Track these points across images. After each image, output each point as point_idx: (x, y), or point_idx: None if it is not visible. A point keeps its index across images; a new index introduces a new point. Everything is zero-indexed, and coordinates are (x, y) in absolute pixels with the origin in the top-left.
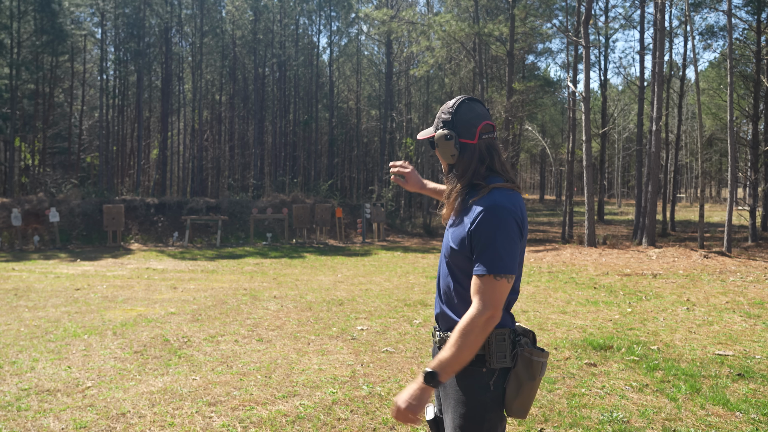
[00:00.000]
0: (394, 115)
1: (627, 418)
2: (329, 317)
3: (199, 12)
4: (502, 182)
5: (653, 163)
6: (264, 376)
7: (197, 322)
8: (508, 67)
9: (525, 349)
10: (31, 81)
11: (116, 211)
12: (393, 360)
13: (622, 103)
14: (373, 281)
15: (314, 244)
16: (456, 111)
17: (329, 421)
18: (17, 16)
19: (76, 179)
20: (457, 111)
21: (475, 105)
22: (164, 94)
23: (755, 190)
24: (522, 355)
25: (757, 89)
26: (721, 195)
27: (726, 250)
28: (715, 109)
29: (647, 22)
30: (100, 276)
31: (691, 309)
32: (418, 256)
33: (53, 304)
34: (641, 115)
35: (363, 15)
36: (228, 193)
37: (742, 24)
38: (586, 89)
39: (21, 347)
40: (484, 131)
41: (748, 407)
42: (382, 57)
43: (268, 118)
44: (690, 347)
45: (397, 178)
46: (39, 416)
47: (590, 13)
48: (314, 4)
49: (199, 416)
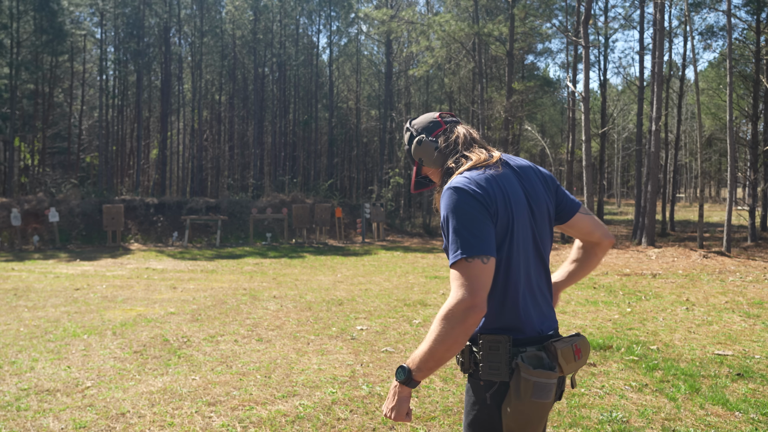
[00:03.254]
0: (394, 115)
1: (626, 418)
2: (329, 317)
3: (198, 12)
4: (471, 162)
5: (653, 163)
6: (263, 376)
7: (197, 322)
8: (507, 67)
9: (520, 363)
10: (31, 81)
11: (116, 211)
12: (392, 360)
13: (622, 103)
14: (372, 281)
15: (314, 244)
16: (411, 125)
17: (329, 421)
18: (17, 16)
19: (76, 179)
20: (412, 124)
21: (425, 115)
22: (164, 94)
23: (754, 189)
24: (518, 369)
25: (756, 89)
26: (720, 195)
27: (725, 249)
28: (714, 109)
29: (647, 22)
30: (100, 276)
31: (690, 309)
32: (417, 256)
33: (53, 304)
34: (641, 115)
35: (363, 15)
36: (227, 193)
37: (742, 24)
38: (586, 89)
39: (20, 347)
40: (445, 118)
41: (747, 407)
42: (381, 57)
43: (267, 118)
44: (689, 347)
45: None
46: (38, 416)
47: (590, 13)
48: (314, 4)
49: (199, 416)
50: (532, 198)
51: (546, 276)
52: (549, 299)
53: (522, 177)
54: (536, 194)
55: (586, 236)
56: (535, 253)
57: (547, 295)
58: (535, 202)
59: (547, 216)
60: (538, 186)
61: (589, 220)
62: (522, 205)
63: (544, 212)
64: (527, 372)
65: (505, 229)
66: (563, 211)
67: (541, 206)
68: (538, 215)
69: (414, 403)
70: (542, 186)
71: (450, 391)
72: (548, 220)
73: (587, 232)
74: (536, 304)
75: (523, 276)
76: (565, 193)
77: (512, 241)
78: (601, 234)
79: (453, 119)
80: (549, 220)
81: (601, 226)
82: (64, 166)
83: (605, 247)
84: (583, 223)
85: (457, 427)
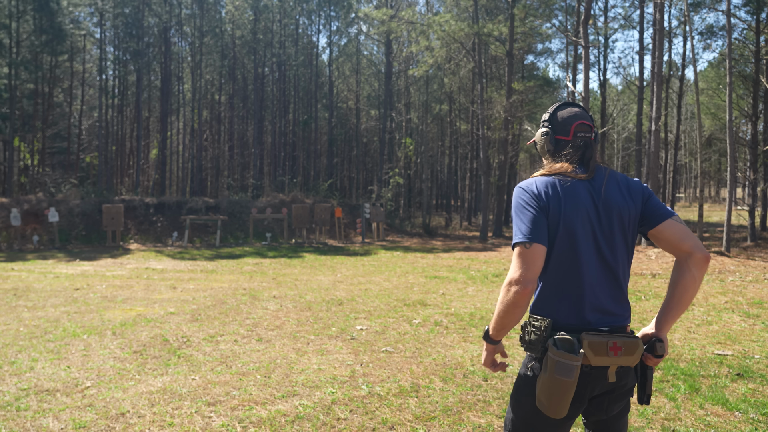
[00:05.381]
0: (394, 115)
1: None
2: (328, 317)
3: (198, 12)
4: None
5: (652, 162)
6: (263, 375)
7: (196, 322)
8: (507, 67)
9: (549, 343)
10: (31, 81)
11: (115, 211)
12: (392, 360)
13: (622, 103)
14: (372, 281)
15: (313, 244)
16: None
17: (328, 421)
18: (16, 16)
19: (76, 179)
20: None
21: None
22: (163, 93)
23: (754, 189)
24: (547, 349)
25: (756, 89)
26: (720, 195)
27: (725, 249)
28: (714, 109)
29: (646, 22)
30: (100, 276)
31: (690, 309)
32: (417, 256)
33: (52, 304)
34: (640, 115)
35: (362, 15)
36: (227, 193)
37: (742, 24)
38: (586, 89)
39: (20, 347)
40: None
41: (747, 407)
42: (381, 57)
43: (267, 117)
44: (689, 347)
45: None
46: (38, 416)
47: (590, 13)
48: (314, 4)
49: (199, 416)
50: (601, 205)
51: (610, 274)
52: (614, 297)
53: (593, 186)
54: (609, 201)
55: (675, 247)
56: (596, 253)
57: (609, 292)
58: (604, 208)
59: (618, 221)
60: (615, 194)
61: (678, 229)
62: (581, 210)
63: (614, 217)
64: (552, 351)
65: (555, 226)
66: (649, 218)
67: (611, 212)
68: (605, 219)
69: (414, 403)
70: (620, 194)
71: (450, 391)
72: (619, 225)
73: (675, 242)
74: (592, 298)
75: (575, 270)
76: (655, 203)
77: (564, 238)
78: (692, 245)
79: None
80: (621, 224)
81: (693, 238)
82: (63, 166)
83: (699, 262)
84: (670, 230)
85: (457, 427)
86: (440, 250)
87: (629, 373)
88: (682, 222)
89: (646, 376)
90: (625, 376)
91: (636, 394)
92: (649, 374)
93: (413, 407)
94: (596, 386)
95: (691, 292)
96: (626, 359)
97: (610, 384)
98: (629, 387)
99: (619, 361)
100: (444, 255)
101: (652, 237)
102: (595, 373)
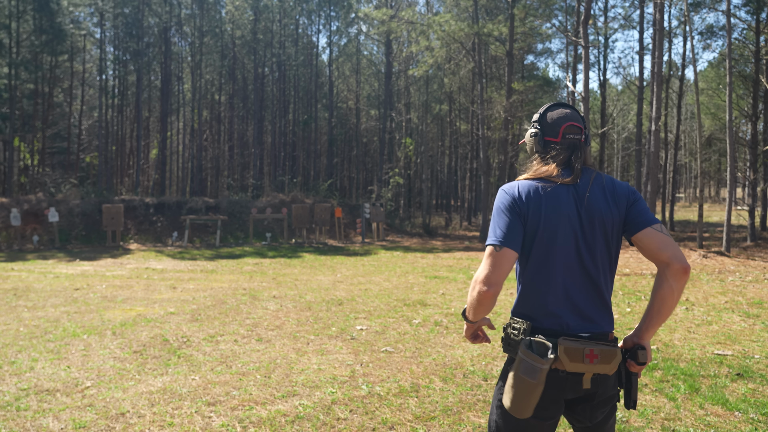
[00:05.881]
0: (394, 115)
1: (626, 417)
2: (328, 317)
3: (198, 12)
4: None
5: (652, 162)
6: (263, 375)
7: (196, 322)
8: (507, 67)
9: (522, 343)
10: (31, 81)
11: (115, 211)
12: (392, 360)
13: (622, 103)
14: (372, 281)
15: (313, 244)
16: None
17: (328, 421)
18: (16, 16)
19: (76, 179)
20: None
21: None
22: (163, 93)
23: (754, 189)
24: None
25: (756, 89)
26: (720, 195)
27: (725, 249)
28: (714, 109)
29: (646, 22)
30: (100, 276)
31: (690, 309)
32: (417, 256)
33: (52, 304)
34: (640, 115)
35: (362, 15)
36: (227, 193)
37: (742, 24)
38: (586, 89)
39: (20, 347)
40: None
41: (747, 407)
42: (381, 57)
43: (267, 117)
44: (689, 347)
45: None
46: (38, 416)
47: (589, 13)
48: (314, 4)
49: (199, 416)
50: (584, 210)
51: (590, 281)
52: (595, 303)
53: (578, 191)
54: (591, 207)
55: (653, 256)
56: (577, 259)
57: (589, 299)
58: (587, 214)
59: (601, 227)
60: (598, 200)
61: (657, 238)
62: (563, 216)
63: (596, 224)
64: (521, 350)
65: (534, 232)
66: (630, 224)
67: (593, 218)
68: (587, 225)
69: (414, 403)
70: (604, 200)
71: (450, 391)
72: (602, 232)
73: (654, 251)
74: (569, 303)
75: (553, 275)
76: (639, 209)
77: (543, 243)
78: (671, 255)
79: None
80: (604, 231)
81: (673, 247)
82: (63, 166)
83: (676, 273)
84: (649, 239)
85: (457, 427)
86: (440, 250)
87: (607, 381)
88: (664, 231)
89: (631, 382)
90: (601, 384)
91: (623, 399)
92: (634, 380)
93: (413, 407)
94: (570, 391)
95: (669, 302)
96: (602, 367)
97: (585, 390)
98: (610, 394)
99: (595, 369)
100: (444, 255)
101: (634, 243)
102: (571, 379)
